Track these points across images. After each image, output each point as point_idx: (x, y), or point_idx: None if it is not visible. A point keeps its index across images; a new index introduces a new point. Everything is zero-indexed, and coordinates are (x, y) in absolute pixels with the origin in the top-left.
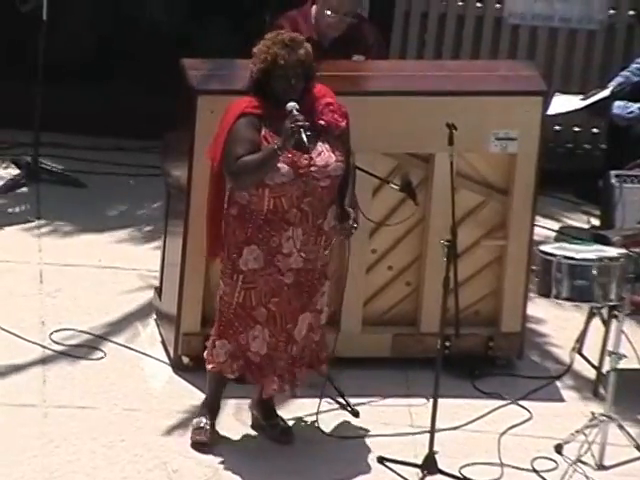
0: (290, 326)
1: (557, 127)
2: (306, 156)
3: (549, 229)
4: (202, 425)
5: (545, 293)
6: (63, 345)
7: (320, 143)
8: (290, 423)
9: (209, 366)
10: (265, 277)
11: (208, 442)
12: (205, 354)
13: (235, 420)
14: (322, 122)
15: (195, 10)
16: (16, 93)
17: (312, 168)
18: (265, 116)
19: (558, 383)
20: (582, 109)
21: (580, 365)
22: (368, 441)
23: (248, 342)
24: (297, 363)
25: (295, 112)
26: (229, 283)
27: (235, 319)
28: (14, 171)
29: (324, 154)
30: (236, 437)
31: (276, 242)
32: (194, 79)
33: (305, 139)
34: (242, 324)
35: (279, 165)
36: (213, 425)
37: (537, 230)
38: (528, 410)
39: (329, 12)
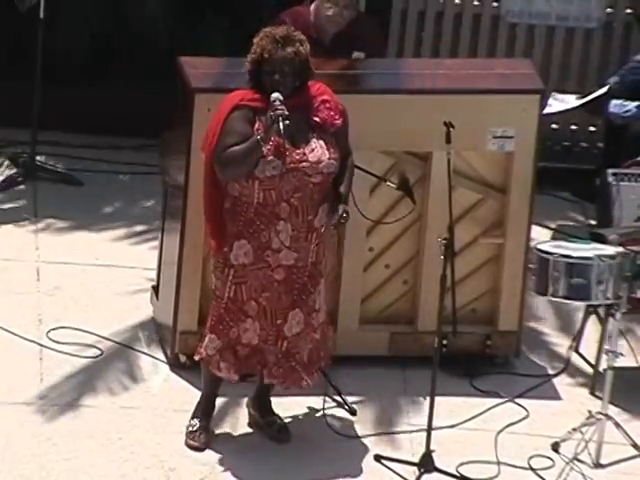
0: (280, 322)
1: (554, 125)
2: (298, 151)
3: (546, 227)
4: (195, 429)
5: (542, 291)
6: (60, 343)
7: (314, 140)
8: (287, 421)
9: (197, 357)
10: (255, 272)
11: (201, 447)
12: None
13: (232, 418)
14: (317, 119)
15: (193, 8)
16: (13, 91)
17: (304, 164)
18: (261, 108)
19: (555, 381)
20: (579, 107)
21: (577, 363)
22: (365, 439)
23: (239, 335)
24: (290, 360)
25: (277, 102)
26: (220, 277)
27: (226, 314)
28: (11, 169)
29: (317, 150)
30: (233, 435)
31: (266, 237)
32: (191, 77)
33: (282, 128)
34: (233, 318)
35: (269, 158)
36: (207, 427)
37: (534, 228)
38: (525, 408)
39: (328, 5)
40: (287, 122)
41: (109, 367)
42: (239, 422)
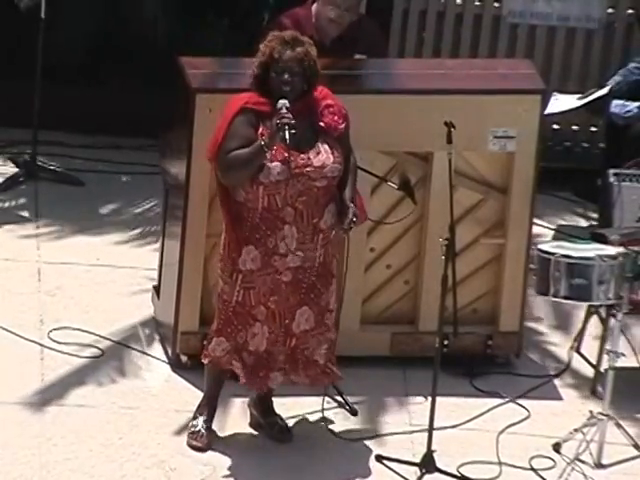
0: (288, 321)
1: (555, 126)
2: (303, 156)
3: (547, 228)
4: (198, 429)
5: (543, 292)
6: (61, 343)
7: (319, 144)
8: (288, 422)
9: (205, 360)
10: (263, 277)
11: (204, 447)
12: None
13: (233, 418)
14: (322, 124)
15: (193, 9)
16: (14, 91)
17: (308, 168)
18: (265, 112)
19: (556, 382)
20: (580, 107)
21: (578, 364)
22: (366, 440)
23: (246, 340)
24: (298, 355)
25: (284, 110)
26: (228, 282)
27: (234, 317)
28: (12, 169)
29: (322, 155)
30: (234, 435)
31: (272, 243)
32: (192, 78)
33: (287, 136)
34: (241, 322)
35: (274, 164)
36: (209, 427)
37: (535, 229)
38: (526, 409)
39: (330, 7)
40: (293, 131)
41: (110, 367)
42: (241, 422)
